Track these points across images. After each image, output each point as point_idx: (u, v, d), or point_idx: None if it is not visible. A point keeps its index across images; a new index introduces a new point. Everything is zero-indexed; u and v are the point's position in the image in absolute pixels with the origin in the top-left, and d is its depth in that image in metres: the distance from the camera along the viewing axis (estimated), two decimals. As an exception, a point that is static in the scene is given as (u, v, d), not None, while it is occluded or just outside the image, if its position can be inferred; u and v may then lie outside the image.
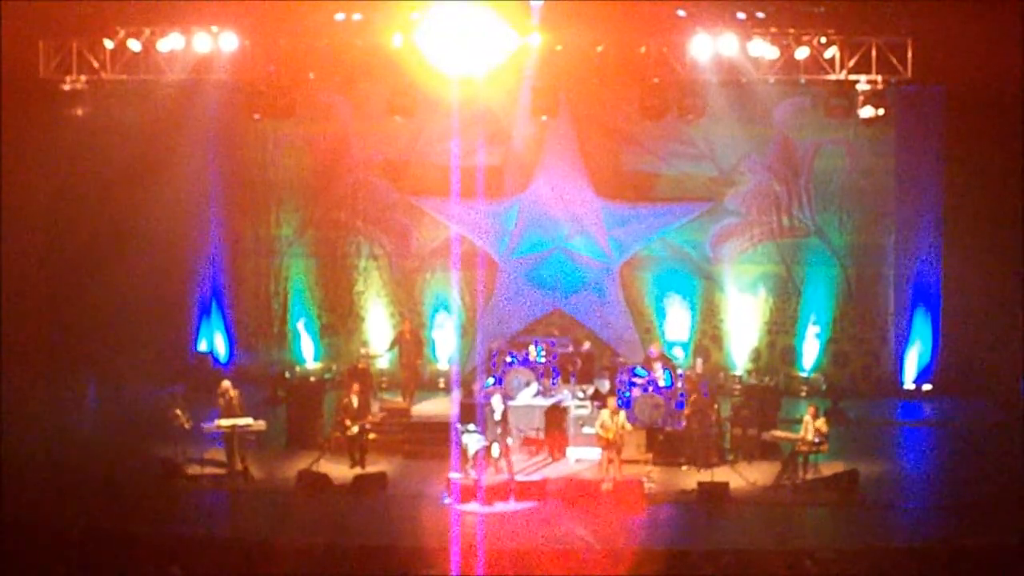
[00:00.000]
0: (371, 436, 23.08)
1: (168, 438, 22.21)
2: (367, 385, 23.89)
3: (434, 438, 23.19)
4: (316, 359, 28.05)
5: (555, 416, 23.18)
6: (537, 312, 27.46)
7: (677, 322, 27.71)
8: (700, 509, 20.76)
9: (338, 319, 28.31)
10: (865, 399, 26.80)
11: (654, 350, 24.82)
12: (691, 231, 27.53)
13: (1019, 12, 22.95)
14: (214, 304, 28.32)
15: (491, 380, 24.33)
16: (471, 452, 21.35)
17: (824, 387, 27.11)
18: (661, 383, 23.36)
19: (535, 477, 21.79)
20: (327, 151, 27.92)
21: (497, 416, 21.55)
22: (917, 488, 22.09)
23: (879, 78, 23.38)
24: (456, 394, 24.87)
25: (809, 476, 21.45)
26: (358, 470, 22.15)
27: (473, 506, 20.67)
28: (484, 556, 18.30)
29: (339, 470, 22.01)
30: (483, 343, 26.35)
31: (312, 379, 25.83)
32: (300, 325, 28.23)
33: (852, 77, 23.48)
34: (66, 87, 24.02)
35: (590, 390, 24.17)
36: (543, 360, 24.64)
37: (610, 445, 21.48)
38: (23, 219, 26.15)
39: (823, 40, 23.40)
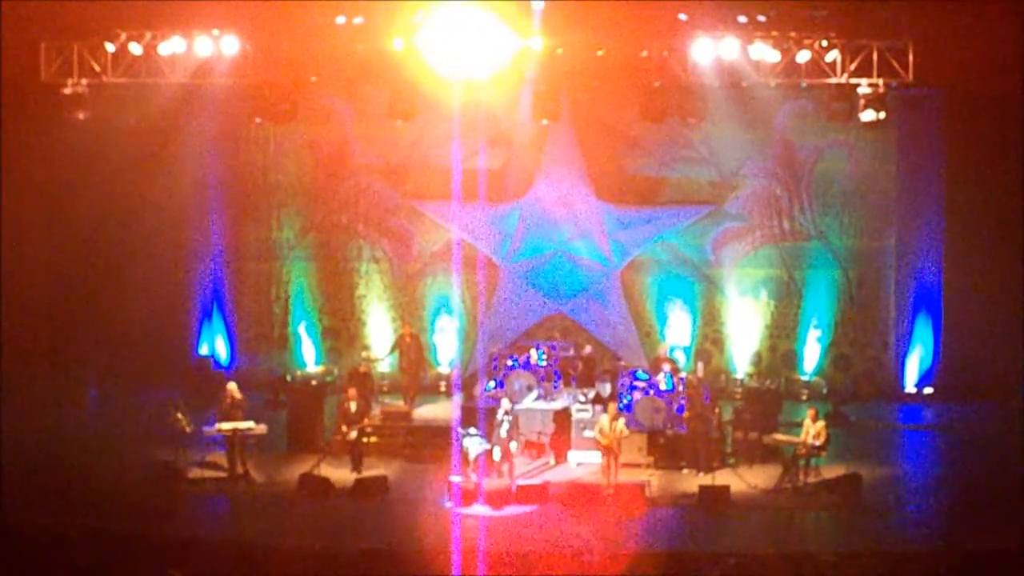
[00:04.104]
0: (372, 440, 23.09)
1: (169, 442, 22.19)
2: (368, 389, 23.94)
3: (435, 442, 23.19)
4: (317, 363, 28.06)
5: (561, 420, 23.20)
6: (538, 316, 27.48)
7: (678, 326, 27.71)
8: (701, 513, 20.73)
9: (339, 323, 28.31)
10: (866, 403, 26.81)
11: (662, 352, 24.84)
12: (692, 235, 27.53)
13: (1019, 15, 22.96)
14: (215, 308, 28.32)
15: (492, 384, 24.34)
16: (472, 456, 21.35)
17: (825, 391, 27.09)
18: (662, 387, 23.34)
19: (536, 481, 21.78)
20: (328, 155, 27.93)
21: (504, 419, 21.59)
22: (919, 492, 22.06)
23: (880, 81, 23.36)
24: (457, 398, 24.89)
25: (811, 479, 21.41)
26: (359, 474, 22.14)
27: (478, 509, 20.65)
28: (485, 560, 18.30)
29: (340, 474, 21.99)
30: (484, 347, 26.36)
31: (313, 383, 25.80)
32: (301, 329, 28.23)
33: (853, 80, 23.45)
34: (67, 90, 23.98)
35: (591, 394, 24.13)
36: (544, 364, 24.63)
37: (608, 451, 21.47)
38: (24, 222, 26.15)
39: (824, 43, 23.38)
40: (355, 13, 23.58)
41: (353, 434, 22.45)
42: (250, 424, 22.03)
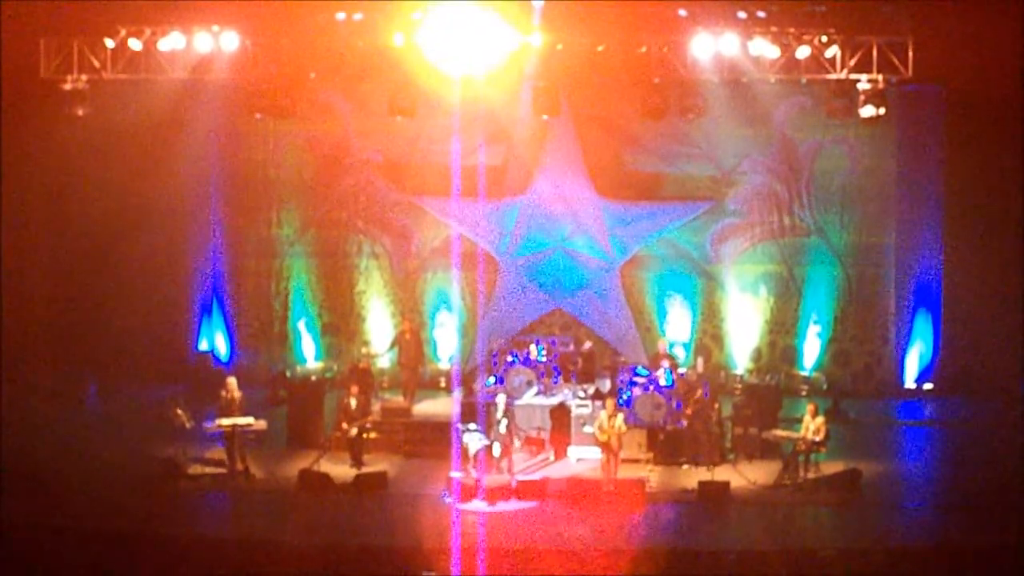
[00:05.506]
0: (372, 436, 23.09)
1: (169, 438, 22.20)
2: (368, 385, 23.91)
3: (435, 437, 23.18)
4: (317, 359, 28.07)
5: (559, 416, 23.20)
6: (538, 311, 27.48)
7: (678, 322, 27.71)
8: (701, 508, 20.73)
9: (339, 319, 28.32)
10: (866, 399, 26.81)
11: (661, 348, 24.87)
12: (692, 231, 27.53)
13: (1019, 11, 22.95)
14: (215, 303, 28.33)
15: (492, 379, 24.34)
16: (472, 451, 21.36)
17: (825, 386, 27.12)
18: (662, 382, 23.34)
19: (536, 476, 21.78)
20: (328, 151, 27.92)
21: (501, 415, 21.60)
22: (918, 488, 22.06)
23: (880, 77, 23.34)
24: (457, 393, 24.84)
25: (810, 475, 21.42)
26: (359, 470, 22.15)
27: (476, 505, 20.66)
28: (485, 556, 18.30)
29: (340, 470, 21.98)
30: (484, 342, 26.36)
31: (313, 379, 25.81)
32: (301, 325, 28.23)
33: (853, 76, 23.43)
34: (67, 86, 23.94)
35: (591, 389, 24.16)
36: (544, 359, 24.62)
37: (607, 447, 21.47)
38: (23, 219, 26.16)
39: (824, 39, 23.35)
40: (355, 9, 23.55)
41: (353, 430, 22.47)
42: (250, 420, 22.02)
